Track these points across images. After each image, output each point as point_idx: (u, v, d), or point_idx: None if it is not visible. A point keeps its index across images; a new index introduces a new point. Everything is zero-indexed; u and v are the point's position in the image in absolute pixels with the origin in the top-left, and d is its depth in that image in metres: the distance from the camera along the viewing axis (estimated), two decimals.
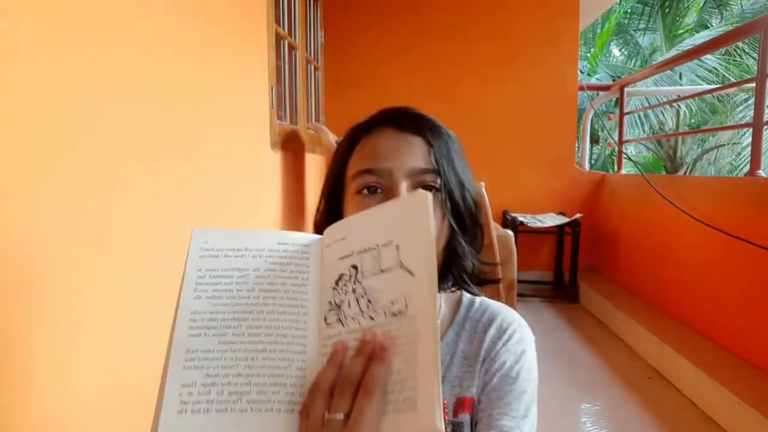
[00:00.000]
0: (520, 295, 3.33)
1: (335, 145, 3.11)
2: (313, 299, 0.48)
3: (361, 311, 0.46)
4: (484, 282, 0.67)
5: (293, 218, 2.81)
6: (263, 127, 2.34)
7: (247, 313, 0.47)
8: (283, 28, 2.73)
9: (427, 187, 0.59)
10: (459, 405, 0.63)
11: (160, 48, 1.40)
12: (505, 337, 0.65)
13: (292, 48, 2.97)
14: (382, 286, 0.45)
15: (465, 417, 0.62)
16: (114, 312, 1.17)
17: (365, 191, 0.60)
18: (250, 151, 2.19)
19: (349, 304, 0.47)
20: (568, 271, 3.57)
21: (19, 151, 0.89)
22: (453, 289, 0.67)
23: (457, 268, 0.63)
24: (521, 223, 3.39)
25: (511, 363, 0.63)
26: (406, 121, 0.62)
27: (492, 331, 0.66)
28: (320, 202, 0.67)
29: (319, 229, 0.66)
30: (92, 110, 1.10)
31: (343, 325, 0.46)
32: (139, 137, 1.29)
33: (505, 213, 3.69)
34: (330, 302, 0.48)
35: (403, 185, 0.58)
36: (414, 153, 0.59)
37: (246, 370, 0.45)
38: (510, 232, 2.75)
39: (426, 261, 0.44)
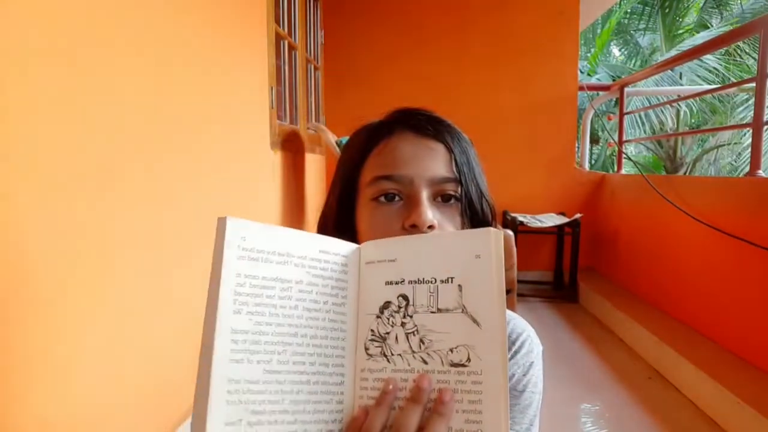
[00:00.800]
0: (520, 295, 3.33)
1: (335, 145, 3.11)
2: (352, 323, 0.43)
3: (412, 350, 0.41)
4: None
5: (293, 218, 2.81)
6: (263, 127, 2.34)
7: (292, 336, 0.41)
8: (283, 28, 2.73)
9: (448, 197, 0.57)
10: None
11: (160, 48, 1.40)
12: (514, 348, 0.65)
13: (292, 48, 2.97)
14: (440, 327, 0.40)
15: None
16: (114, 312, 1.17)
17: (382, 198, 0.57)
18: (250, 151, 2.19)
19: (396, 339, 0.42)
20: (568, 271, 3.57)
21: (20, 151, 0.89)
22: None
23: None
24: (521, 223, 3.39)
25: (518, 376, 0.63)
26: (427, 125, 0.59)
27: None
28: (328, 204, 0.64)
29: (324, 232, 0.63)
30: (92, 110, 1.10)
31: (388, 360, 0.41)
32: (139, 137, 1.29)
33: (505, 213, 3.69)
34: (372, 331, 0.43)
35: (424, 194, 0.55)
36: (435, 160, 0.57)
37: (291, 406, 0.39)
38: (510, 232, 2.75)
39: (495, 311, 0.39)
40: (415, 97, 4.01)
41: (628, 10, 9.86)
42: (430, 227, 0.54)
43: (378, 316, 0.43)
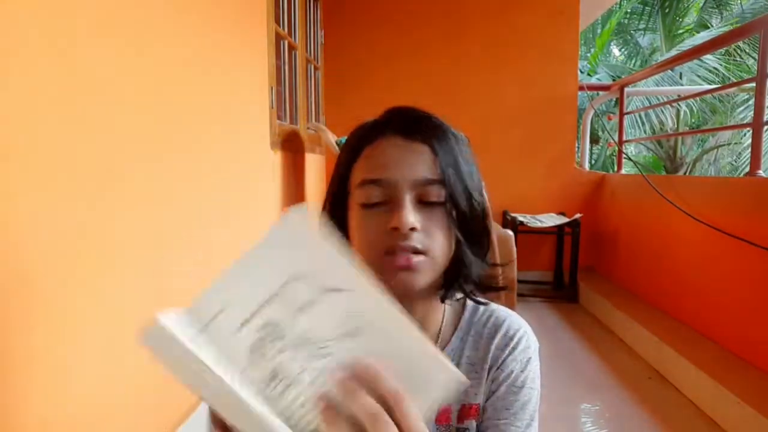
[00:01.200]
0: (520, 295, 3.33)
1: (335, 145, 3.11)
2: (228, 391, 0.37)
3: (310, 356, 0.38)
4: (490, 289, 0.65)
5: None
6: (263, 127, 2.34)
7: None
8: (283, 28, 2.73)
9: (431, 204, 0.57)
10: (465, 412, 0.64)
11: (159, 48, 1.39)
12: (512, 344, 0.65)
13: (292, 48, 2.97)
14: (316, 321, 0.38)
15: (471, 424, 0.64)
16: (114, 312, 1.17)
17: (369, 204, 0.58)
18: (250, 151, 2.19)
19: (287, 363, 0.38)
20: (567, 271, 3.57)
21: (20, 151, 0.89)
22: (458, 298, 0.66)
23: (463, 279, 0.62)
24: (521, 223, 3.39)
25: (517, 372, 0.64)
26: (413, 127, 0.60)
27: (498, 339, 0.66)
28: (325, 204, 0.65)
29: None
30: (92, 110, 1.10)
31: (295, 385, 0.38)
32: (139, 137, 1.29)
33: (505, 213, 3.69)
34: (256, 379, 0.38)
35: (407, 197, 0.56)
36: (419, 163, 0.57)
37: None
38: (510, 232, 2.75)
39: (348, 270, 0.38)
40: (415, 97, 4.01)
41: (629, 10, 9.87)
42: (412, 229, 0.55)
43: (252, 363, 0.39)
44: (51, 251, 0.97)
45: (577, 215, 3.41)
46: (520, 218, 3.45)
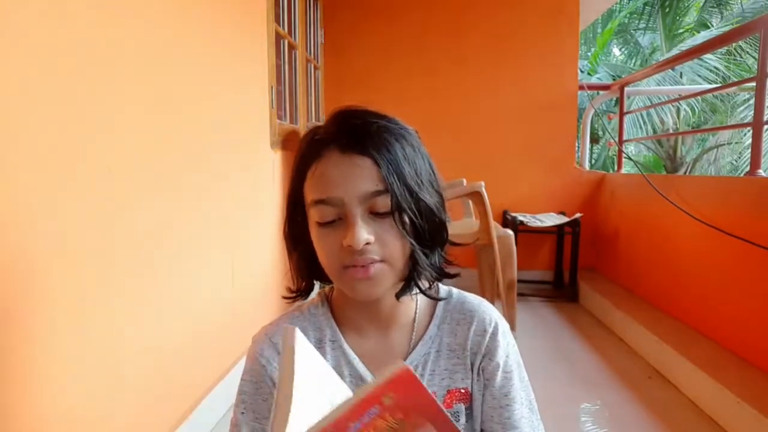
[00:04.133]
0: (520, 294, 3.32)
1: None
2: None
3: None
4: (446, 276, 0.67)
5: None
6: (263, 127, 2.34)
7: None
8: (283, 28, 2.73)
9: (380, 214, 0.58)
10: (452, 396, 0.67)
11: (160, 47, 1.40)
12: (491, 330, 0.69)
13: (292, 47, 2.97)
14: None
15: (460, 407, 0.67)
16: (114, 312, 1.17)
17: (323, 223, 0.60)
18: (250, 151, 2.20)
19: None
20: (568, 271, 3.57)
21: (20, 151, 0.89)
22: (416, 292, 0.68)
23: (417, 276, 0.63)
24: (521, 222, 3.39)
25: (504, 359, 0.69)
26: (351, 140, 0.59)
27: (475, 325, 0.69)
28: (284, 221, 0.67)
29: (287, 240, 0.67)
30: (92, 110, 1.10)
31: None
32: (139, 137, 1.29)
33: (505, 213, 3.68)
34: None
35: (357, 212, 0.58)
36: (363, 176, 0.58)
37: None
38: (510, 232, 2.75)
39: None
40: (415, 96, 4.02)
41: (629, 13, 9.86)
42: (367, 244, 0.57)
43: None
44: (51, 251, 0.97)
45: (578, 215, 3.40)
46: (520, 218, 3.45)
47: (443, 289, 0.73)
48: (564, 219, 3.48)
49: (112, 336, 1.16)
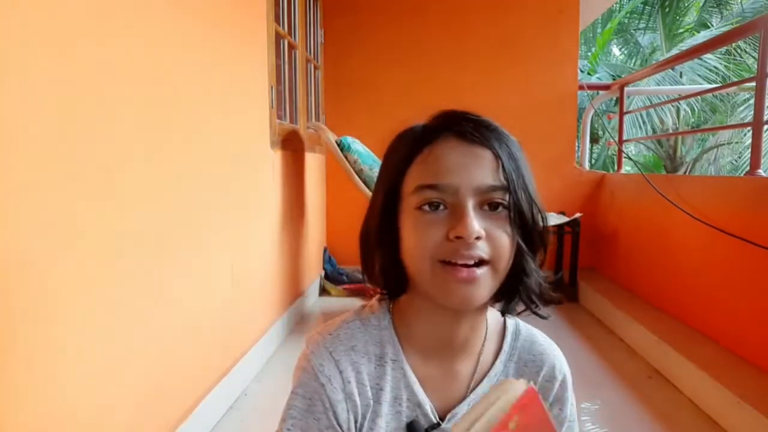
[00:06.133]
0: None
1: (335, 145, 3.10)
2: None
3: None
4: (549, 302, 0.63)
5: (293, 217, 2.81)
6: (263, 127, 2.34)
7: None
8: (283, 28, 2.73)
9: (495, 205, 0.54)
10: None
11: (159, 47, 1.39)
12: (560, 379, 0.66)
13: (291, 47, 2.97)
14: None
15: None
16: (114, 312, 1.17)
17: (427, 207, 0.54)
18: (250, 151, 2.19)
19: None
20: (567, 271, 3.57)
21: (20, 151, 0.89)
22: (519, 311, 0.64)
23: (525, 289, 0.59)
24: None
25: (569, 413, 0.67)
26: (473, 130, 0.56)
27: (545, 371, 0.66)
28: (371, 213, 0.62)
29: (366, 241, 0.62)
30: (92, 110, 1.10)
31: None
32: (139, 136, 1.29)
33: None
34: None
35: (470, 203, 0.53)
36: (482, 168, 0.54)
37: None
38: None
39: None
40: (415, 96, 4.01)
41: (630, 11, 9.86)
42: (477, 238, 0.52)
43: None
44: (51, 251, 0.97)
45: (577, 215, 3.40)
46: None
47: (510, 322, 0.67)
48: (564, 219, 3.48)
49: (111, 335, 1.16)
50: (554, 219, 3.52)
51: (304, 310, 2.97)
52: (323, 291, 3.45)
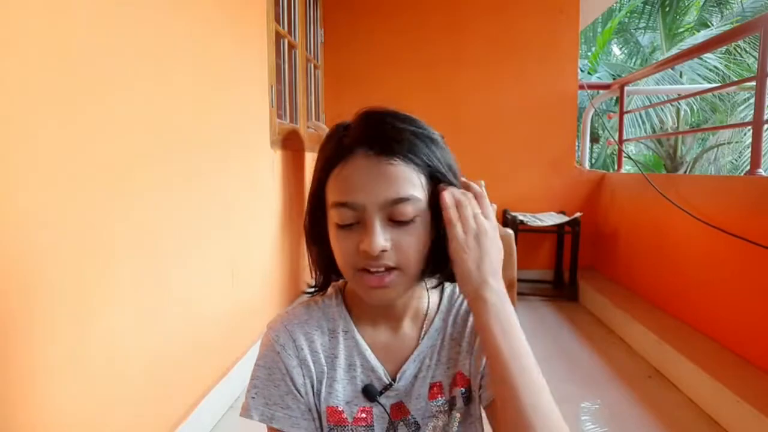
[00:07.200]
0: (520, 293, 3.33)
1: None
2: None
3: None
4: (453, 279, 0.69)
5: (293, 217, 2.81)
6: (263, 126, 2.33)
7: None
8: (283, 27, 2.73)
9: (401, 222, 0.58)
10: (455, 383, 0.68)
11: (159, 47, 1.39)
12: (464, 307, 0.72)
13: (291, 47, 2.96)
14: None
15: (457, 391, 0.68)
16: (114, 312, 1.17)
17: (343, 224, 0.60)
18: (250, 150, 2.19)
19: None
20: (568, 270, 3.57)
21: (21, 151, 0.89)
22: (430, 286, 0.71)
23: (442, 269, 0.65)
24: (521, 222, 3.39)
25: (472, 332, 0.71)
26: (382, 141, 0.59)
27: (472, 319, 0.71)
28: (305, 214, 0.68)
29: (308, 235, 0.67)
30: (92, 110, 1.10)
31: None
32: (139, 136, 1.29)
33: (505, 212, 3.68)
34: None
35: (376, 219, 0.57)
36: (388, 182, 0.57)
37: None
38: (510, 231, 2.75)
39: None
40: (415, 95, 4.01)
41: (630, 10, 9.86)
42: (383, 251, 0.57)
43: None
44: (51, 251, 0.97)
45: (578, 214, 3.40)
46: (521, 217, 3.45)
47: (447, 286, 0.74)
48: (564, 218, 3.48)
49: (112, 335, 1.16)
50: (554, 218, 3.52)
51: None
52: None
